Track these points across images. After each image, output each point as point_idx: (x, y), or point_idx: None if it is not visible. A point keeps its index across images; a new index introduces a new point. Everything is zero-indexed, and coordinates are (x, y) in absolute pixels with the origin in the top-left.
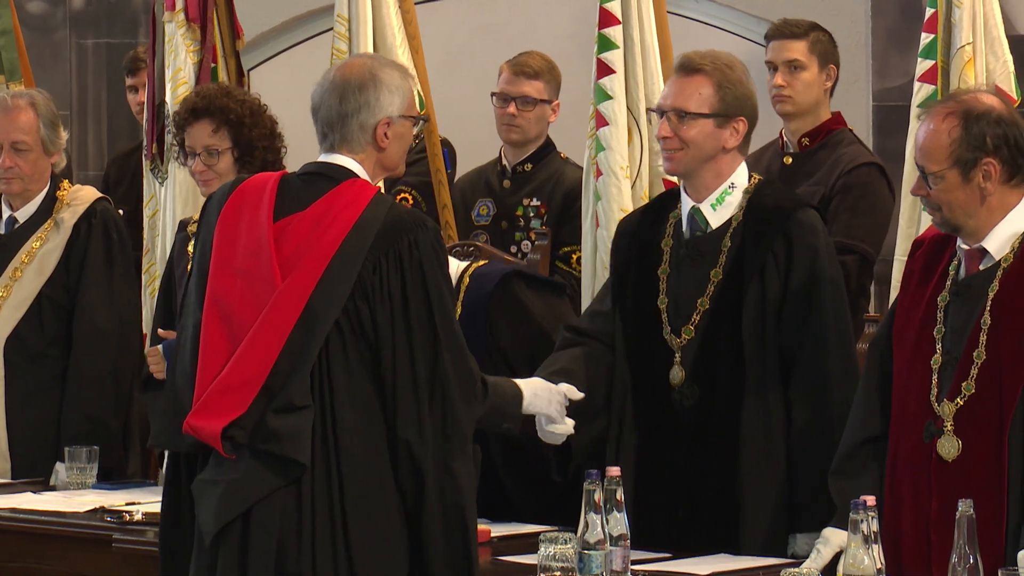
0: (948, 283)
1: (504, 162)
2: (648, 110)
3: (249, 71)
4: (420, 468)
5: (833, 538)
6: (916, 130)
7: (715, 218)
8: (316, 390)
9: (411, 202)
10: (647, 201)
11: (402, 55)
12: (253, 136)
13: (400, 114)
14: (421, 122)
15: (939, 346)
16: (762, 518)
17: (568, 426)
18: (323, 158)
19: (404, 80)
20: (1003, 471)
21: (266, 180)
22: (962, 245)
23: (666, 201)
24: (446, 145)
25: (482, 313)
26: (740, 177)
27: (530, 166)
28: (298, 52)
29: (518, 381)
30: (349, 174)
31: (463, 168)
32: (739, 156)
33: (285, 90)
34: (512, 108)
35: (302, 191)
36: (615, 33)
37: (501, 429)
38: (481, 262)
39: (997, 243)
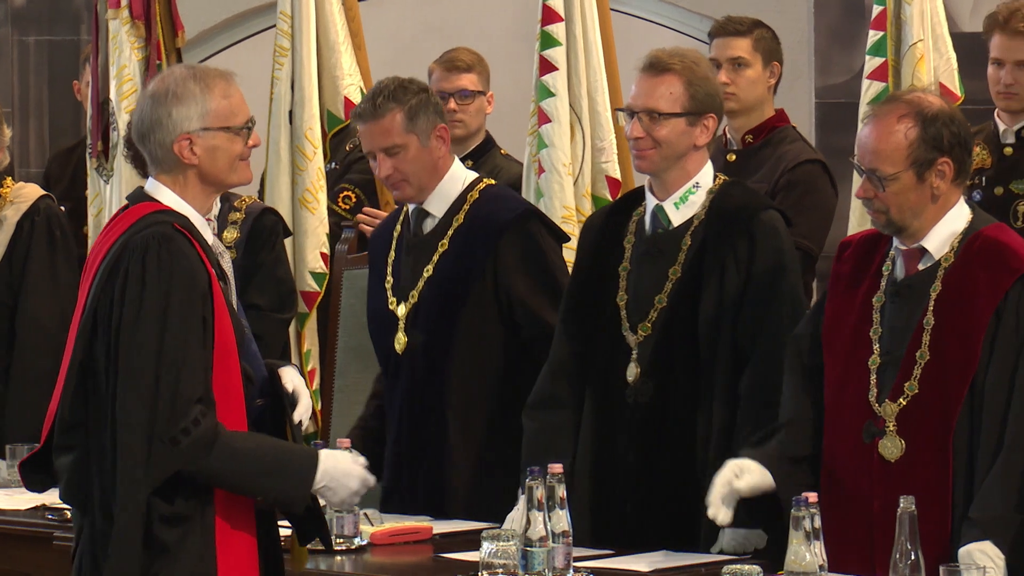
0: (883, 283)
1: None
2: (616, 110)
3: None
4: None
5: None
6: (861, 133)
7: (677, 216)
8: (89, 428)
9: (354, 200)
10: (589, 198)
11: (345, 52)
12: None
13: (203, 127)
14: (246, 129)
15: (876, 346)
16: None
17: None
18: (146, 184)
19: (206, 91)
20: (948, 470)
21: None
22: (899, 245)
23: (633, 198)
24: None
25: (491, 241)
26: (705, 176)
27: (470, 162)
28: (240, 49)
29: (321, 455)
30: (144, 198)
31: None
32: (706, 154)
33: None
34: (452, 104)
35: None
36: (558, 30)
37: (280, 508)
38: (489, 181)
39: (936, 242)
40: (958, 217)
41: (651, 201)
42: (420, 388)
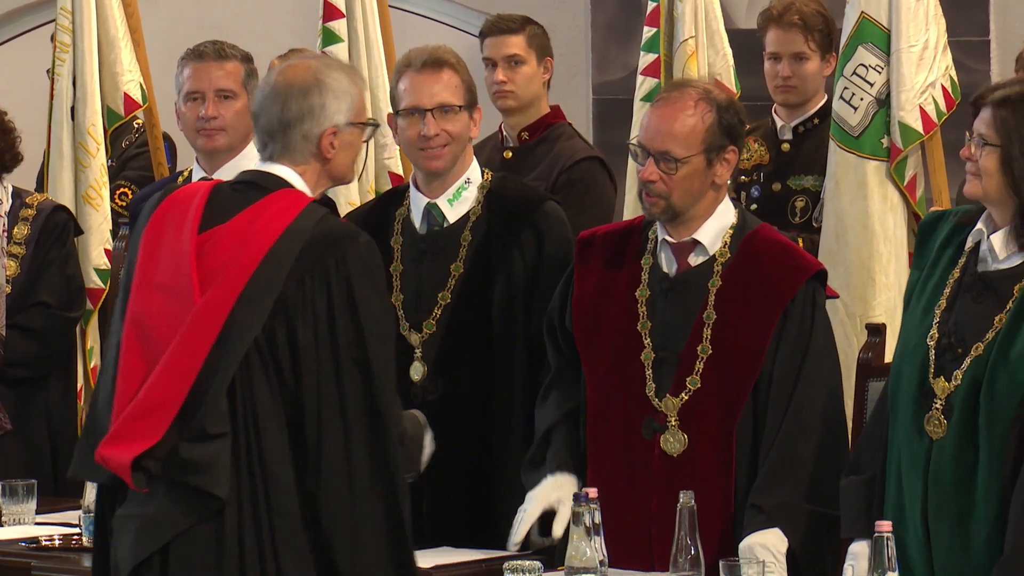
0: (644, 277)
1: None
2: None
3: None
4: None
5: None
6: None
7: (452, 213)
8: (239, 415)
9: (131, 196)
10: (373, 194)
11: (125, 48)
12: None
13: (348, 121)
14: (371, 128)
15: (648, 341)
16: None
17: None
18: (260, 167)
19: (353, 84)
20: (731, 464)
21: (196, 189)
22: (667, 239)
23: (391, 198)
24: (167, 140)
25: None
26: (475, 172)
27: None
28: (18, 44)
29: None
30: (283, 184)
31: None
32: (472, 150)
33: (4, 83)
34: None
35: (232, 201)
36: (339, 27)
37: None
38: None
39: (710, 236)
40: (727, 212)
41: (421, 199)
42: None
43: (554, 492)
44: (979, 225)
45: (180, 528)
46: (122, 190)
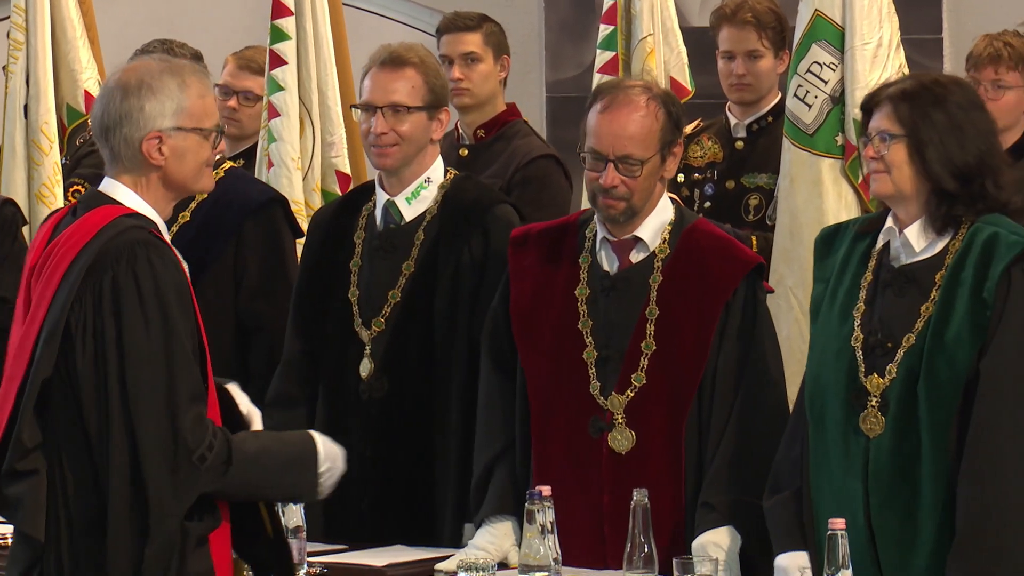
0: (583, 276)
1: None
2: (352, 106)
3: None
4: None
5: None
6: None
7: (409, 211)
8: (55, 447)
9: (84, 193)
10: (319, 193)
11: (82, 46)
12: None
13: (175, 126)
14: (216, 134)
15: (589, 340)
16: (453, 505)
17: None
18: (101, 183)
19: (184, 88)
20: (680, 460)
21: (59, 211)
22: (607, 237)
23: (360, 194)
24: None
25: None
26: (436, 171)
27: (242, 162)
28: None
29: (317, 440)
30: (104, 200)
31: None
32: (438, 148)
33: None
34: (233, 102)
35: (67, 224)
36: (288, 24)
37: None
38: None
39: (650, 232)
40: (666, 208)
41: (382, 196)
42: None
43: (506, 541)
44: (888, 224)
45: (20, 569)
46: (76, 187)
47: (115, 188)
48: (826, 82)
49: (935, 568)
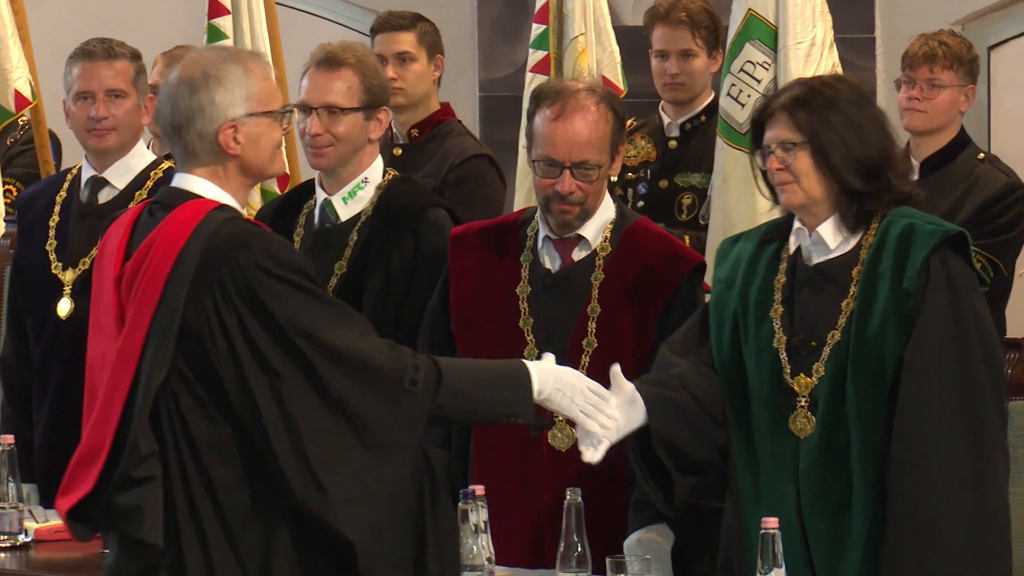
0: (524, 274)
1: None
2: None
3: None
4: (333, 526)
5: None
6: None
7: (345, 211)
8: (172, 452)
9: (15, 194)
10: (258, 192)
11: (13, 46)
12: None
13: (248, 112)
14: (287, 115)
15: (530, 337)
16: None
17: (607, 432)
18: (174, 180)
19: (248, 74)
20: (620, 456)
21: (128, 213)
22: (550, 235)
23: (302, 192)
24: (53, 137)
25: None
26: (375, 172)
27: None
28: None
29: (529, 364)
30: (186, 196)
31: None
32: (377, 148)
33: None
34: None
35: (147, 226)
36: (225, 23)
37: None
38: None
39: (593, 231)
40: (608, 206)
41: (320, 195)
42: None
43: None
44: (796, 226)
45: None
46: (7, 187)
47: (191, 182)
48: (759, 81)
49: (867, 562)
